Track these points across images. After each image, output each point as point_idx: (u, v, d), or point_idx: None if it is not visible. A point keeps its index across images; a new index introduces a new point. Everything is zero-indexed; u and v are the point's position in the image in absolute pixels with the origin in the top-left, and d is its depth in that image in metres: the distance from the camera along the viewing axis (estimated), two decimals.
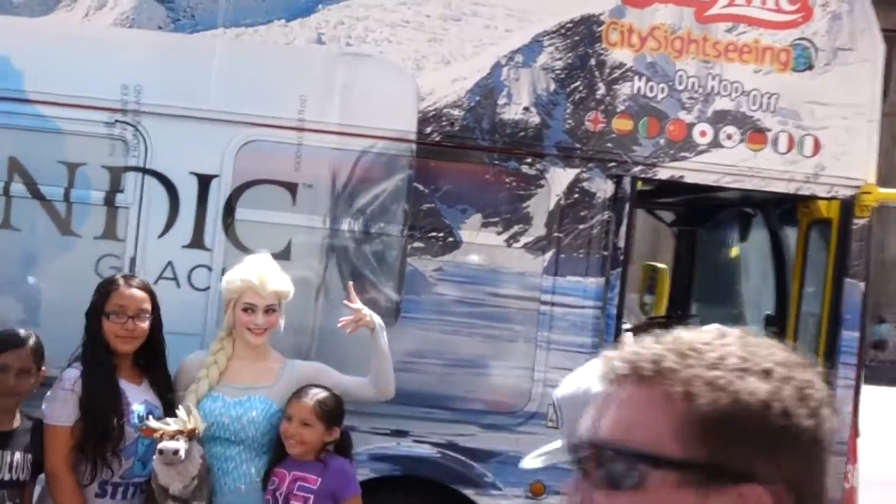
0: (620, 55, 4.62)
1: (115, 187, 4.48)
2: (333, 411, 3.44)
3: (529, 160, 4.63)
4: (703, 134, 4.66)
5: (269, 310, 3.55)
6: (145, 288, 3.55)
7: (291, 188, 4.54)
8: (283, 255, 4.53)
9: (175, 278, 4.48)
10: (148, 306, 3.49)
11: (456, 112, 4.58)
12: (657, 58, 4.63)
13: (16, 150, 4.46)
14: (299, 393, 3.44)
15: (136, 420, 3.33)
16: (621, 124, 4.64)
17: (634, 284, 5.72)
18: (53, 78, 4.44)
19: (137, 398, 3.38)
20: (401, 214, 4.59)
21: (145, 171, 4.47)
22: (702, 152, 4.67)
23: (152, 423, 3.19)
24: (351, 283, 4.12)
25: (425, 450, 4.59)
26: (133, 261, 4.45)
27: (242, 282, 3.57)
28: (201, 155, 4.50)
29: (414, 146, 4.57)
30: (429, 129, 4.57)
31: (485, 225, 4.62)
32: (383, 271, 4.60)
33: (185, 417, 3.22)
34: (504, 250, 4.62)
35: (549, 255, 4.61)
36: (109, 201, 4.48)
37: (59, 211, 4.45)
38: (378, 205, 4.58)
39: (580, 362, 4.47)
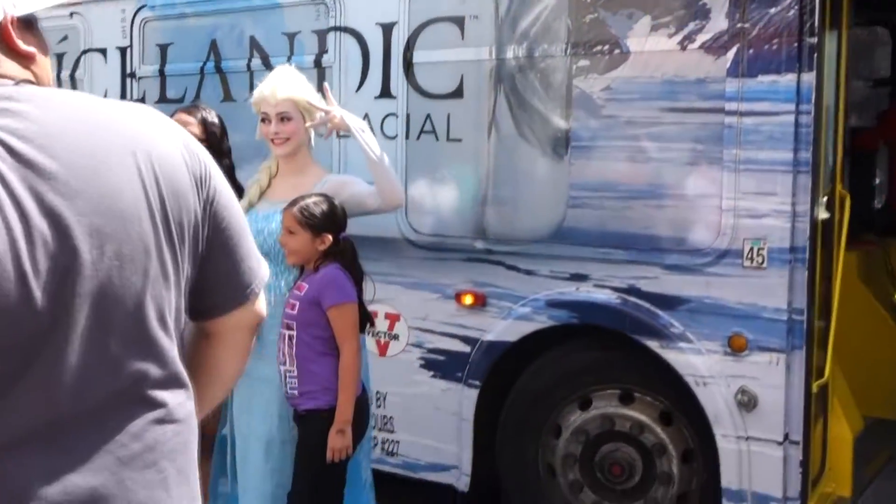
0: None
1: (321, 49, 4.73)
2: (317, 218, 3.24)
3: None
4: None
5: (283, 118, 3.46)
6: (194, 113, 3.72)
7: (459, 23, 4.32)
8: (455, 94, 4.37)
9: (371, 129, 4.58)
10: (194, 130, 3.66)
11: None
12: None
13: (254, 30, 4.97)
14: (290, 203, 3.33)
15: None
16: None
17: None
18: None
19: None
20: (563, 31, 4.07)
21: (341, 29, 4.64)
22: None
23: None
24: (326, 84, 3.80)
25: (605, 295, 4.02)
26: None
27: (258, 93, 3.55)
28: (383, 4, 4.51)
29: None
30: None
31: (654, 28, 3.86)
32: (550, 98, 4.13)
33: None
34: (678, 55, 3.81)
35: (732, 52, 3.68)
36: (318, 63, 4.74)
37: None
38: (540, 25, 4.12)
39: (778, 183, 3.58)
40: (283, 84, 3.49)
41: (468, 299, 4.35)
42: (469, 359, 4.37)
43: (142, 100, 5.34)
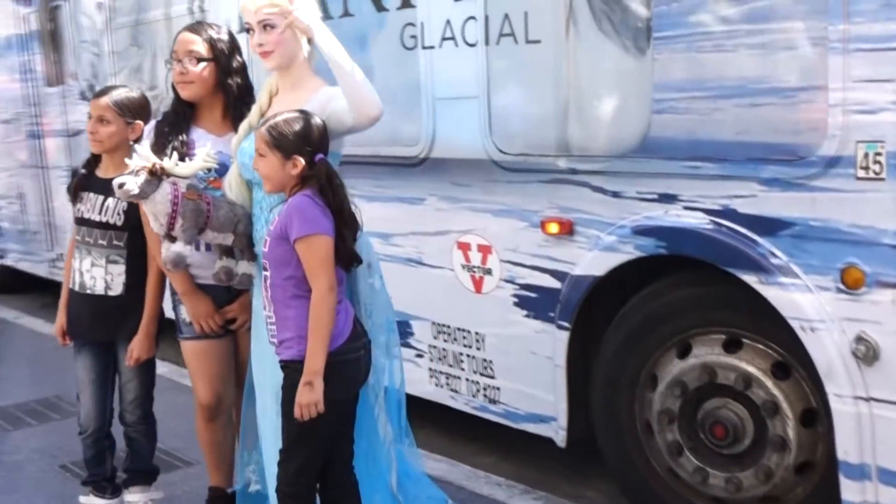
0: None
1: None
2: (286, 138, 2.74)
3: None
4: None
5: (266, 25, 2.98)
6: (200, 32, 3.31)
7: None
8: None
9: (453, 37, 4.05)
10: (199, 48, 3.26)
11: None
12: None
13: None
14: (262, 121, 2.86)
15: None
16: None
17: None
18: None
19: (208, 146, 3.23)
20: None
21: None
22: None
23: (134, 160, 3.05)
24: None
25: (695, 220, 3.27)
26: (423, 25, 4.18)
27: (240, 5, 3.08)
28: None
29: None
30: None
31: None
32: None
33: (147, 154, 2.99)
34: None
35: None
36: None
37: None
38: None
39: None
40: None
41: (554, 227, 3.75)
42: (559, 297, 3.78)
43: None
